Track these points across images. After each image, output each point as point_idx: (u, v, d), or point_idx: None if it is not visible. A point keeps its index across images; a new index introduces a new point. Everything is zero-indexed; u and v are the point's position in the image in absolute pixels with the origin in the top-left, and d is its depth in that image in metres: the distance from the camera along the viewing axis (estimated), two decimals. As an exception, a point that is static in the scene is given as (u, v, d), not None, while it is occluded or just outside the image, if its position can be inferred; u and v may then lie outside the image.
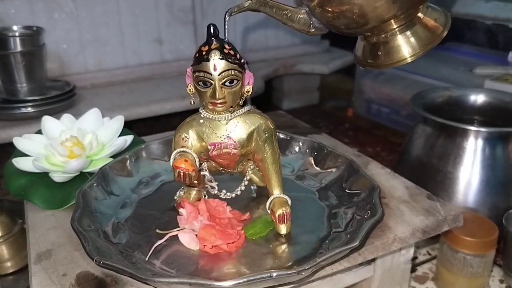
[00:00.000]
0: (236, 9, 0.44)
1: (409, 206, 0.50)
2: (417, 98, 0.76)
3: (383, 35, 0.45)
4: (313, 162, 0.58)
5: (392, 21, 0.43)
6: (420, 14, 0.45)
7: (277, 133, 0.52)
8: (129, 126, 0.64)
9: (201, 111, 0.46)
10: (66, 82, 1.02)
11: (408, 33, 0.45)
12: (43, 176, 0.54)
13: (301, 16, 0.47)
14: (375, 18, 0.42)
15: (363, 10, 0.41)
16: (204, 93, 0.43)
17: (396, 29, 0.45)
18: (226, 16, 0.43)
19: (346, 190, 0.52)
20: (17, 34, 0.92)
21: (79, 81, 1.07)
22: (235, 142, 0.45)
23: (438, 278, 0.64)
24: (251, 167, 0.50)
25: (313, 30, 0.48)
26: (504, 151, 0.67)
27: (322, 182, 0.55)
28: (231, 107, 0.44)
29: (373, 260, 0.50)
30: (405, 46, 0.45)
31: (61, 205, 0.50)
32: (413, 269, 0.67)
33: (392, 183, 0.55)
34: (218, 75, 0.41)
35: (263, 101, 1.33)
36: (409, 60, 0.45)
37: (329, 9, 0.43)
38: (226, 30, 0.43)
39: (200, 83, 0.42)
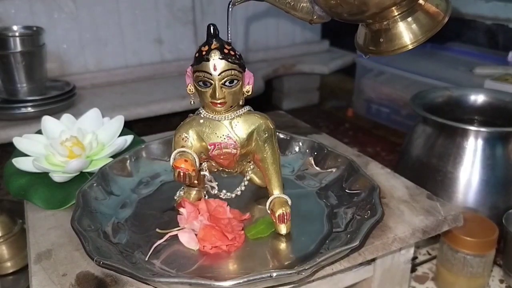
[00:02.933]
0: None
1: (409, 206, 0.50)
2: (417, 98, 0.76)
3: (385, 22, 0.45)
4: (313, 162, 0.58)
5: (393, 7, 0.43)
6: (421, 1, 0.45)
7: (277, 133, 0.51)
8: (129, 126, 0.64)
9: (201, 111, 0.46)
10: (66, 82, 1.02)
11: (410, 19, 0.45)
12: (43, 176, 0.54)
13: (304, 4, 0.47)
14: (377, 4, 0.42)
15: None
16: (204, 93, 0.43)
17: (398, 16, 0.45)
18: (230, 6, 0.42)
19: (346, 190, 0.52)
20: (17, 34, 0.92)
21: (79, 81, 1.07)
22: (235, 142, 0.45)
23: (438, 278, 0.64)
24: (251, 167, 0.50)
25: (315, 18, 0.48)
26: (504, 151, 0.67)
27: (322, 182, 0.55)
28: (231, 107, 0.44)
29: (373, 260, 0.50)
30: (406, 32, 0.45)
31: (61, 205, 0.50)
32: (413, 269, 0.67)
33: (392, 183, 0.55)
34: (218, 75, 0.41)
35: (263, 101, 1.33)
36: (410, 46, 0.45)
37: None
38: (229, 22, 0.42)
39: (200, 83, 0.42)
